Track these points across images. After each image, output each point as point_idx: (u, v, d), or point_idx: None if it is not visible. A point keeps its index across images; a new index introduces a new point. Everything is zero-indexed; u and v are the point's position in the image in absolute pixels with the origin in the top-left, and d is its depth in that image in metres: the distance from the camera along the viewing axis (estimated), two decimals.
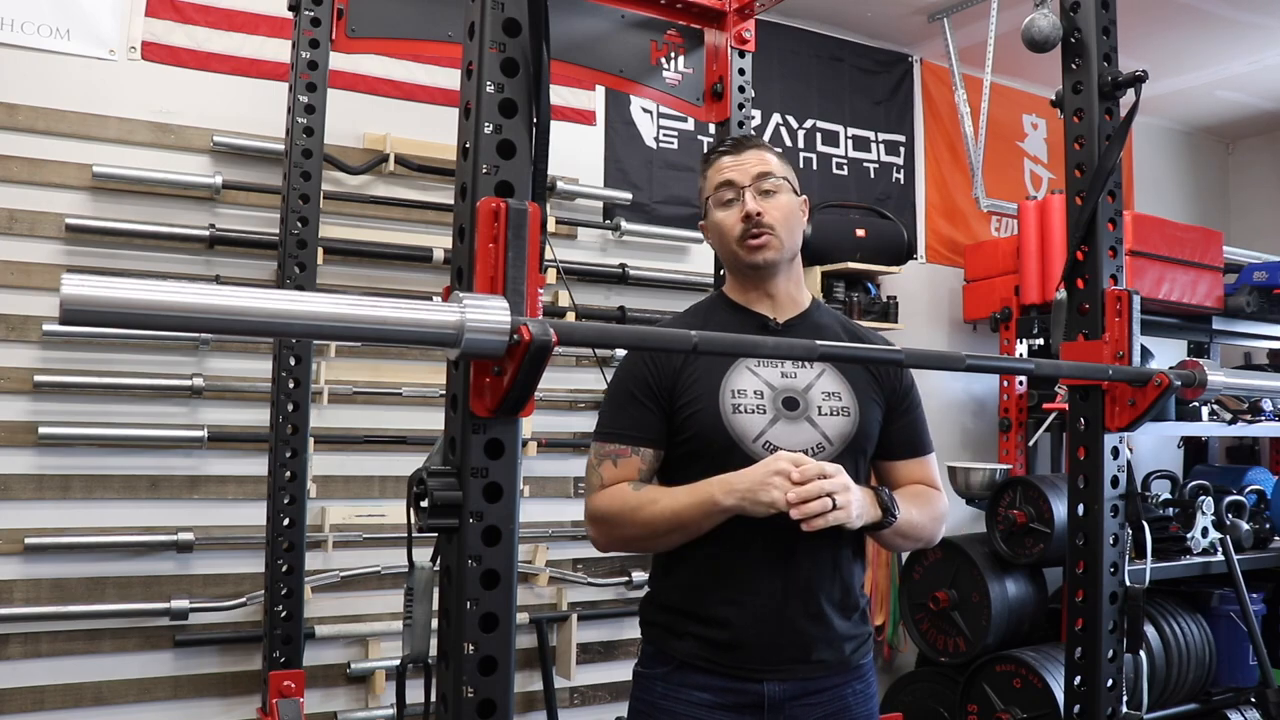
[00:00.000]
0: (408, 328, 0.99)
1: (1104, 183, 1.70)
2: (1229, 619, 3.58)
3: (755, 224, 1.62)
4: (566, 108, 3.56)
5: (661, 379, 1.62)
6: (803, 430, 1.58)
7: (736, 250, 1.66)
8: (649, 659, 1.67)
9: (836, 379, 1.64)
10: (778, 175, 1.66)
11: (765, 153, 1.69)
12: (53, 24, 2.80)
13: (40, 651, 2.68)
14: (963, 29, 4.06)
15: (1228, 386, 1.71)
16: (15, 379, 2.70)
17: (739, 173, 1.66)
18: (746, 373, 1.61)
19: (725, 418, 1.57)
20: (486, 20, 1.10)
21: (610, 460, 1.62)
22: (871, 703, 1.66)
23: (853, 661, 1.63)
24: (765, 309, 1.70)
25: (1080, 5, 1.75)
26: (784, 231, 1.64)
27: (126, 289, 0.87)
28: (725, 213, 1.67)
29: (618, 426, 1.64)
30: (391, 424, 3.16)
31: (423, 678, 1.22)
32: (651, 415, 1.62)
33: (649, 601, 1.71)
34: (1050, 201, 3.91)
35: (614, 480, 1.61)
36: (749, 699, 1.56)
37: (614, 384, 1.68)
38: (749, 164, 1.66)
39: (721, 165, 1.68)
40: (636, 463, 1.61)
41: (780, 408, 1.59)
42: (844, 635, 1.60)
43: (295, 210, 2.38)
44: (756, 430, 1.57)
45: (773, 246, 1.63)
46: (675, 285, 3.65)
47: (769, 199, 1.65)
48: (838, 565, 1.60)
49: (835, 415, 1.61)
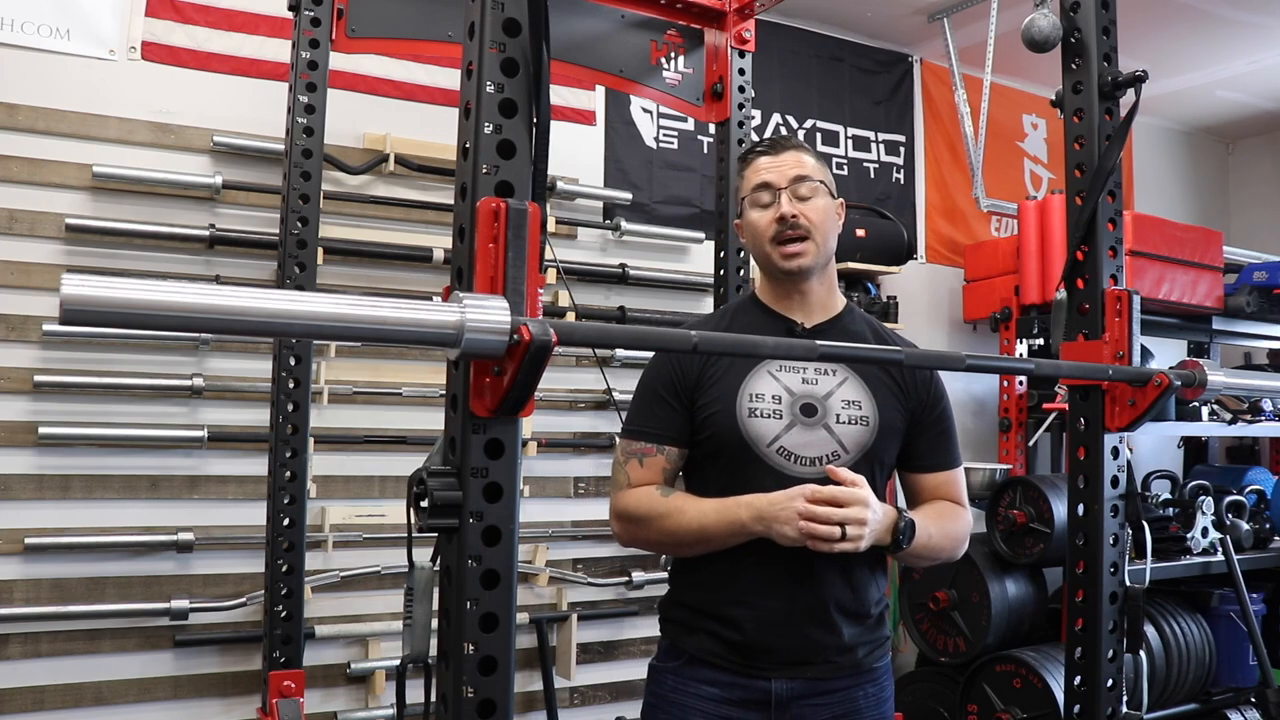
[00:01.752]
0: (408, 328, 0.99)
1: (1104, 183, 1.70)
2: (1229, 619, 3.58)
3: (791, 226, 1.62)
4: (566, 108, 3.56)
5: (686, 378, 1.64)
6: (818, 437, 1.58)
7: (770, 252, 1.65)
8: (664, 654, 1.69)
9: (859, 388, 1.63)
10: (815, 178, 1.66)
11: (803, 154, 1.68)
12: (53, 24, 2.80)
13: (40, 651, 2.68)
14: (963, 29, 4.06)
15: (1228, 386, 1.71)
16: (15, 379, 2.70)
17: (776, 174, 1.65)
18: (767, 377, 1.61)
19: (741, 421, 1.58)
20: (486, 20, 1.10)
21: (637, 459, 1.64)
22: (885, 706, 1.66)
23: (866, 664, 1.63)
24: (794, 313, 1.69)
25: (1080, 5, 1.75)
26: (820, 235, 1.64)
27: (126, 289, 0.87)
28: (761, 213, 1.66)
29: (645, 424, 1.65)
30: (391, 424, 3.16)
31: (423, 678, 1.22)
32: (676, 415, 1.63)
33: (668, 599, 1.72)
34: (1050, 201, 3.91)
35: (641, 480, 1.63)
36: (756, 695, 1.58)
37: (642, 382, 1.70)
38: (787, 165, 1.66)
39: (759, 165, 1.67)
40: (662, 462, 1.63)
41: (797, 413, 1.59)
42: (855, 641, 1.61)
43: (295, 210, 2.38)
44: (771, 435, 1.57)
45: (808, 252, 1.63)
46: (675, 285, 3.64)
47: (806, 202, 1.64)
48: (850, 575, 1.60)
49: (853, 424, 1.60)
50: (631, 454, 1.65)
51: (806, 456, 1.57)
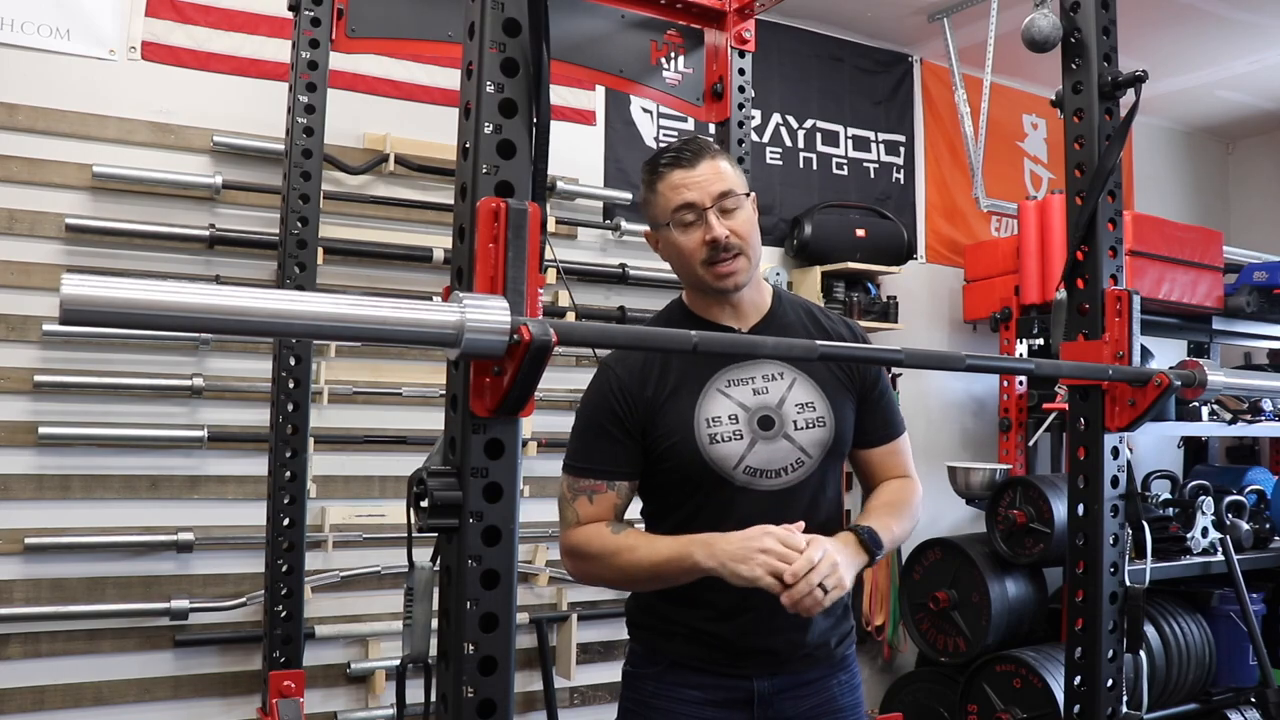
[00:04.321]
0: (408, 328, 0.99)
1: (1104, 183, 1.70)
2: (1229, 619, 3.58)
3: (724, 248, 1.56)
4: (566, 108, 3.56)
5: (633, 411, 1.59)
6: (780, 448, 1.58)
7: (702, 275, 1.58)
8: (639, 659, 1.68)
9: (808, 387, 1.62)
10: (737, 190, 1.59)
11: (719, 161, 1.59)
12: (53, 24, 2.80)
13: (40, 651, 2.68)
14: (963, 29, 4.06)
15: (1228, 386, 1.71)
16: (15, 379, 2.70)
17: (699, 192, 1.56)
18: (719, 397, 1.58)
19: (703, 450, 1.56)
20: (486, 20, 1.10)
21: (585, 496, 1.59)
22: (857, 693, 1.69)
23: (838, 655, 1.66)
24: (727, 318, 1.66)
25: (1080, 5, 1.75)
26: (750, 248, 1.59)
27: (126, 289, 0.87)
28: (687, 235, 1.58)
29: (591, 461, 1.60)
30: (391, 424, 3.16)
31: (423, 678, 1.22)
32: (623, 449, 1.59)
33: (636, 605, 1.70)
34: (1050, 201, 3.91)
35: (590, 517, 1.59)
36: (739, 695, 1.59)
37: (581, 415, 1.64)
38: (707, 180, 1.57)
39: (675, 182, 1.58)
40: (612, 498, 1.59)
41: (756, 429, 1.57)
42: (828, 634, 1.64)
43: (295, 210, 2.38)
44: (736, 457, 1.56)
45: (742, 269, 1.59)
46: (675, 285, 3.61)
47: (731, 216, 1.57)
48: None
49: (811, 427, 1.60)
50: (580, 491, 1.59)
51: (771, 469, 1.57)
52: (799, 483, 1.58)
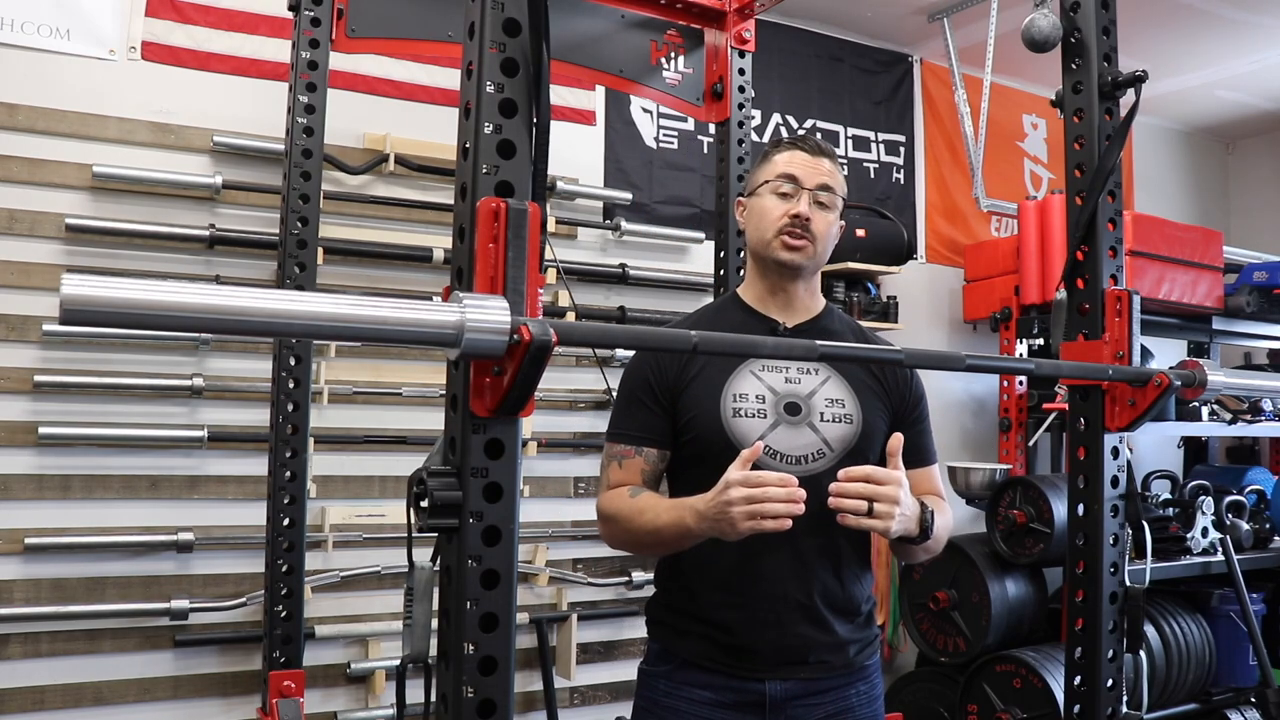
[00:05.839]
0: (408, 328, 0.99)
1: (1104, 183, 1.70)
2: (1229, 619, 3.58)
3: (801, 226, 1.63)
4: (566, 108, 3.56)
5: (665, 380, 1.63)
6: (803, 435, 1.58)
7: (772, 240, 1.65)
8: (654, 657, 1.68)
9: (841, 386, 1.64)
10: (838, 194, 1.68)
11: (837, 170, 1.70)
12: (53, 24, 2.80)
13: (40, 651, 2.68)
14: (963, 29, 4.06)
15: (1228, 386, 1.71)
16: (15, 379, 2.70)
17: (808, 172, 1.65)
18: (750, 377, 1.61)
19: (725, 421, 1.58)
20: (486, 20, 1.10)
21: (616, 461, 1.65)
22: (876, 704, 1.66)
23: (857, 663, 1.63)
24: (776, 313, 1.70)
25: (1080, 5, 1.75)
26: (821, 244, 1.66)
27: (126, 289, 0.87)
28: (777, 202, 1.65)
29: (623, 427, 1.67)
30: (391, 424, 3.15)
31: (423, 678, 1.22)
32: (654, 417, 1.64)
33: (655, 601, 1.72)
34: (1050, 201, 3.91)
35: (619, 482, 1.64)
36: (751, 698, 1.57)
37: (621, 384, 1.71)
38: (821, 171, 1.66)
39: (793, 158, 1.67)
40: (640, 464, 1.64)
41: (782, 412, 1.59)
42: (847, 639, 1.61)
43: (295, 210, 2.38)
44: (756, 434, 1.57)
45: (807, 252, 1.64)
46: (675, 285, 3.64)
47: (822, 210, 1.65)
48: (839, 571, 1.60)
49: (838, 422, 1.61)
50: (613, 456, 1.66)
51: (792, 455, 1.57)
52: (819, 474, 1.56)
